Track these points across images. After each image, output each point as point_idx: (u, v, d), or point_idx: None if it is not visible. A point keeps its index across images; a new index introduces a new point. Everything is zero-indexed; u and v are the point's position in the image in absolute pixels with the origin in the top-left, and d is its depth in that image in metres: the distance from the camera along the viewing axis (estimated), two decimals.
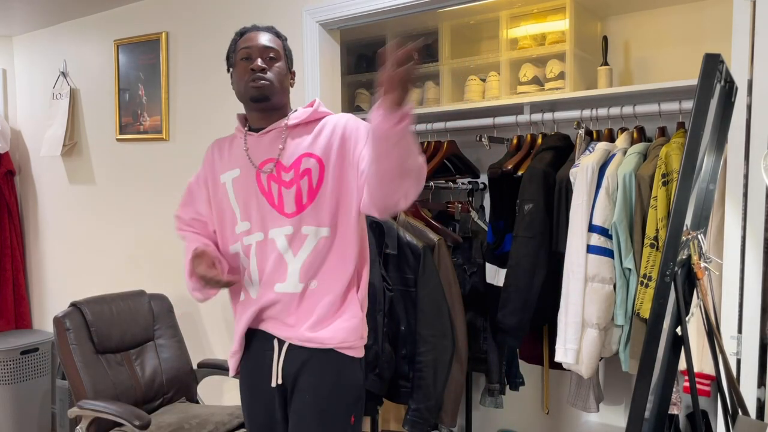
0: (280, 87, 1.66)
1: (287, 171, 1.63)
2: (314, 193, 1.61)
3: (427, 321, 2.16)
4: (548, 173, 2.28)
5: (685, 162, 1.12)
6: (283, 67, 1.68)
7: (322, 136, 1.65)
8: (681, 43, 2.52)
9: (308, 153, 1.63)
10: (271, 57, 1.65)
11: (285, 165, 1.63)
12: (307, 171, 1.61)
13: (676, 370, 1.39)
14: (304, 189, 1.61)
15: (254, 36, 1.67)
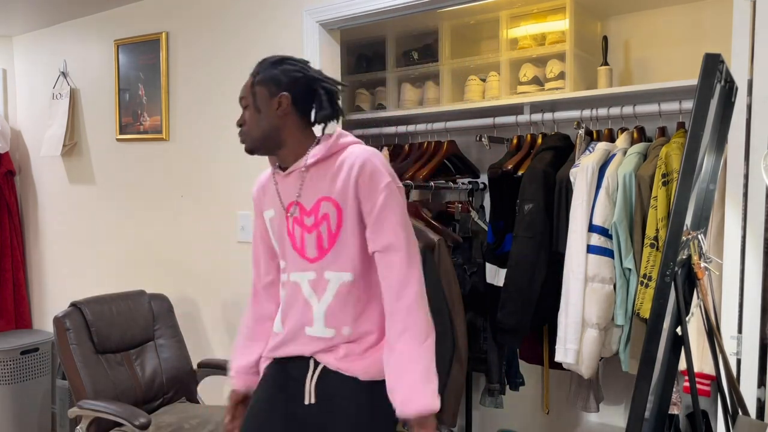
0: (259, 134, 1.60)
1: (308, 215, 1.59)
2: (334, 239, 1.57)
3: None
4: (548, 173, 2.28)
5: (685, 162, 1.12)
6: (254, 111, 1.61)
7: (340, 178, 1.56)
8: (681, 43, 2.52)
9: (326, 197, 1.57)
10: (245, 106, 1.63)
11: (306, 208, 1.60)
12: (325, 216, 1.57)
13: (676, 370, 1.39)
14: (324, 234, 1.57)
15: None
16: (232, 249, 2.83)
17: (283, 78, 1.61)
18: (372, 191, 1.53)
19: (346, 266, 1.57)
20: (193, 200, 2.98)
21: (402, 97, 2.97)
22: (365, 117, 3.03)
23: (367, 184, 1.53)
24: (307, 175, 1.60)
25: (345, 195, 1.55)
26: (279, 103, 1.59)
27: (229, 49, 2.80)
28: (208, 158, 2.91)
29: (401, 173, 2.65)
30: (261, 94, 1.61)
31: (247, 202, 2.77)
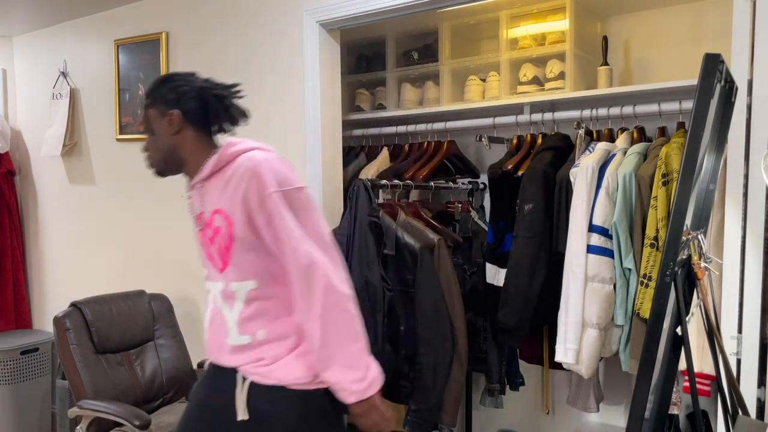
0: (161, 156, 1.61)
1: (209, 227, 1.59)
2: (229, 250, 1.55)
3: (427, 322, 2.16)
4: (548, 173, 2.28)
5: (685, 162, 1.12)
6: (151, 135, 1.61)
7: (229, 189, 1.53)
8: (681, 43, 2.52)
9: (217, 210, 1.56)
10: (143, 132, 1.64)
11: (206, 221, 1.60)
12: (218, 229, 1.56)
13: (676, 370, 1.39)
14: (221, 246, 1.56)
15: None
16: None
17: (170, 95, 1.58)
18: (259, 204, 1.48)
19: (248, 275, 1.54)
20: None
21: (402, 97, 2.97)
22: (365, 117, 3.03)
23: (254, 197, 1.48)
24: (205, 188, 1.60)
25: (234, 207, 1.51)
26: (170, 121, 1.58)
27: (229, 49, 2.80)
28: None
29: (401, 173, 2.65)
30: (153, 116, 1.60)
31: None
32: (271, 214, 1.47)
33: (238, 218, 1.51)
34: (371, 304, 2.17)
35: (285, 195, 1.48)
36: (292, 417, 1.54)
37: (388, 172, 2.67)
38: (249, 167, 1.50)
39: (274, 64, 2.66)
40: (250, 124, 2.76)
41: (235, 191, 1.51)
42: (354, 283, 2.19)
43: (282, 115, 2.65)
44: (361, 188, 2.27)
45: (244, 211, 1.50)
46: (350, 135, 3.04)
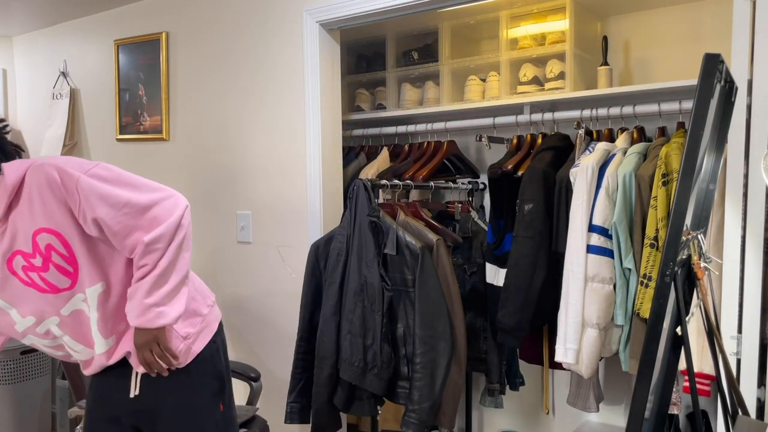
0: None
1: (33, 257, 1.48)
2: (73, 259, 1.50)
3: (426, 322, 2.16)
4: (548, 173, 2.28)
5: (685, 162, 1.12)
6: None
7: (37, 207, 1.44)
8: (681, 43, 2.52)
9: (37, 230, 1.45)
10: None
11: (27, 252, 1.48)
12: (49, 247, 1.47)
13: (676, 370, 1.39)
14: (60, 262, 1.49)
15: None
16: (232, 249, 2.83)
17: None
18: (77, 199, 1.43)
19: (96, 278, 1.53)
20: (193, 200, 2.98)
21: (402, 97, 2.97)
22: (365, 117, 3.03)
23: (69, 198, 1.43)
24: (8, 223, 1.47)
25: (54, 219, 1.45)
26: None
27: (229, 49, 2.80)
28: (208, 158, 2.91)
29: (401, 173, 2.65)
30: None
31: (247, 202, 2.77)
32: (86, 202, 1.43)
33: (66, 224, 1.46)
34: (370, 304, 2.17)
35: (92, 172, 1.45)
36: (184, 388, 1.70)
37: (388, 172, 2.67)
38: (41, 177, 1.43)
39: (274, 64, 2.66)
40: (250, 125, 2.77)
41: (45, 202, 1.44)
42: (353, 283, 2.20)
43: (282, 115, 2.65)
44: (361, 188, 2.27)
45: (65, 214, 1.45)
46: (350, 135, 3.04)
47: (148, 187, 1.52)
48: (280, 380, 2.67)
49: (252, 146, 2.76)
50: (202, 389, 1.69)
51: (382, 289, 2.17)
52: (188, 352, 1.65)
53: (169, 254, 1.49)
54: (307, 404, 2.32)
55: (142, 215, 1.48)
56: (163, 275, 1.49)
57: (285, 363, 2.56)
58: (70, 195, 1.43)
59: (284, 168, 2.65)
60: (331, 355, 2.22)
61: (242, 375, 2.62)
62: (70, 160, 1.47)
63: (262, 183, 2.73)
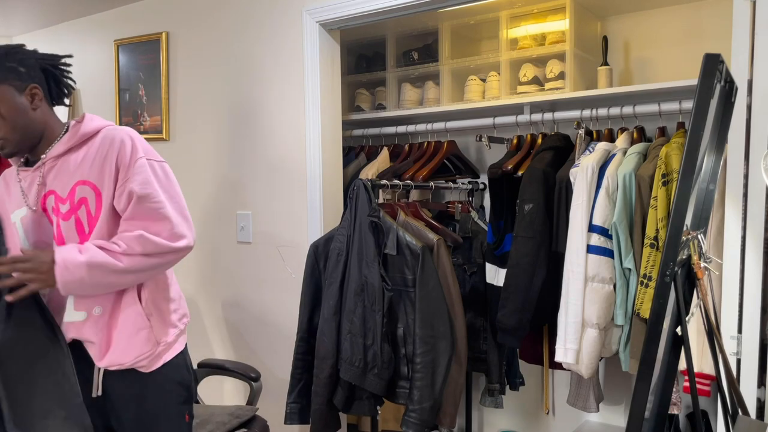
0: (19, 136, 1.53)
1: (63, 202, 1.55)
2: (95, 221, 1.54)
3: (426, 321, 2.16)
4: (548, 173, 2.28)
5: (685, 162, 1.12)
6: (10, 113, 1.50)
7: (96, 161, 1.54)
8: (681, 43, 2.52)
9: (82, 181, 1.54)
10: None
11: (61, 196, 1.55)
12: (83, 200, 1.53)
13: (676, 370, 1.39)
14: (83, 219, 1.54)
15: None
16: (232, 249, 2.84)
17: (22, 69, 1.52)
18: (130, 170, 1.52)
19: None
20: (193, 200, 2.98)
21: (402, 97, 2.97)
22: (365, 117, 3.03)
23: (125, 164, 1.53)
24: (59, 163, 1.56)
25: (102, 176, 1.53)
26: (32, 96, 1.54)
27: (229, 49, 2.81)
28: (208, 158, 2.91)
29: (401, 173, 2.65)
30: (7, 94, 1.50)
31: (247, 202, 2.77)
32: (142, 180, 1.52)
33: (108, 187, 1.53)
34: (371, 304, 2.17)
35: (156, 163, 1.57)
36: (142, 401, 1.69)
37: (388, 172, 2.67)
38: (120, 138, 1.54)
39: (274, 64, 2.66)
40: (250, 124, 2.77)
41: (106, 161, 1.53)
42: (354, 283, 2.20)
43: (282, 114, 2.66)
44: (361, 188, 2.27)
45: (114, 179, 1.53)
46: (350, 135, 3.04)
47: (180, 210, 1.58)
48: (280, 380, 2.68)
49: (252, 146, 2.76)
50: (169, 394, 1.66)
51: (382, 289, 2.18)
52: (158, 357, 1.63)
53: (139, 262, 1.50)
54: (307, 404, 2.32)
55: (157, 221, 1.52)
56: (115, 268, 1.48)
57: (285, 363, 2.56)
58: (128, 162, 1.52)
59: (284, 168, 2.65)
60: (331, 356, 2.22)
61: (242, 375, 2.62)
62: (145, 142, 1.59)
63: (262, 183, 2.73)
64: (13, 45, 1.57)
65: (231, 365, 2.70)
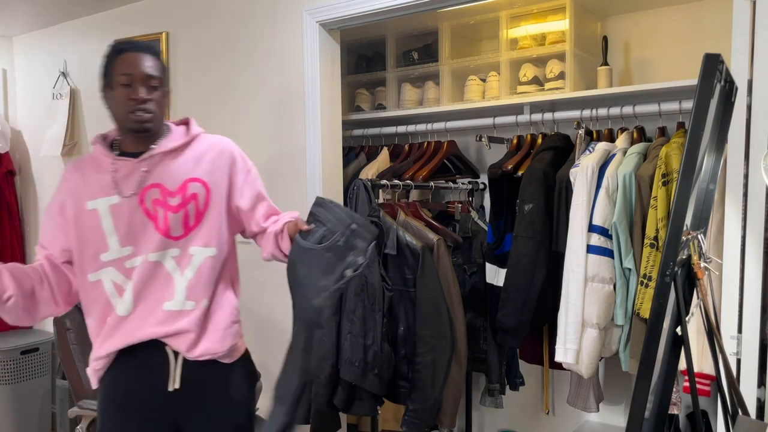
0: (161, 116, 1.65)
1: (173, 196, 1.63)
2: (201, 216, 1.65)
3: (426, 321, 2.16)
4: (548, 173, 2.28)
5: (685, 162, 1.12)
6: (164, 95, 1.65)
7: (206, 160, 1.68)
8: (681, 43, 2.52)
9: (194, 178, 1.66)
10: (154, 86, 1.60)
11: (170, 190, 1.64)
12: (194, 196, 1.64)
13: (676, 370, 1.39)
14: (191, 212, 1.64)
15: (136, 60, 1.59)
16: None
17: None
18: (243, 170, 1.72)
19: (211, 242, 1.66)
20: None
21: (402, 97, 2.97)
22: (365, 117, 3.03)
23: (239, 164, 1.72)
24: (167, 158, 1.65)
25: (215, 176, 1.67)
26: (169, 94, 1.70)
27: (229, 49, 2.80)
28: None
29: (401, 173, 2.65)
30: (166, 75, 1.66)
31: None
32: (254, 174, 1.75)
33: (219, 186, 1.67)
34: (371, 304, 2.17)
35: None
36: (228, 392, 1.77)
37: (388, 172, 2.67)
38: (230, 145, 1.74)
39: (274, 64, 2.66)
40: (250, 124, 2.77)
41: (219, 161, 1.69)
42: (353, 283, 2.20)
43: (282, 115, 2.65)
44: (361, 188, 2.27)
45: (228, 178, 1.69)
46: (350, 135, 3.04)
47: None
48: None
49: (252, 146, 2.75)
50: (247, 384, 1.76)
51: (382, 289, 2.18)
52: (239, 349, 1.73)
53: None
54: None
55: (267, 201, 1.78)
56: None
57: None
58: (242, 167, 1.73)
59: (284, 168, 2.65)
60: (331, 356, 2.22)
61: None
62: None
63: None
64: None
65: None
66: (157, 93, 1.61)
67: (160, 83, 1.62)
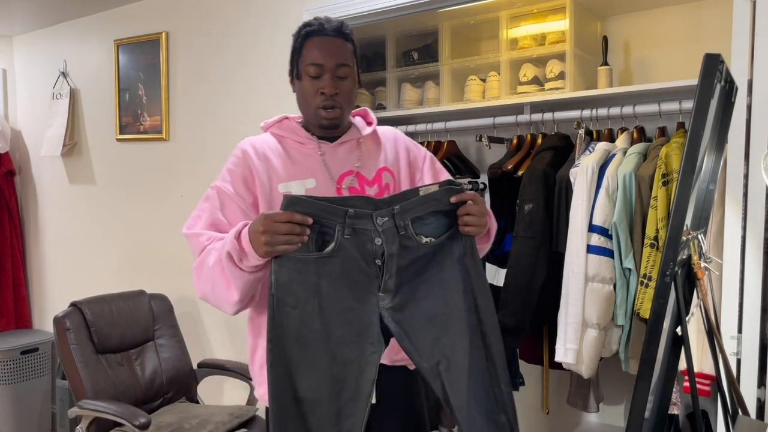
0: (349, 109, 1.57)
1: (370, 185, 1.57)
2: None
3: None
4: (548, 173, 2.28)
5: (685, 162, 1.12)
6: (354, 82, 1.54)
7: (389, 151, 1.63)
8: (681, 43, 2.52)
9: (385, 167, 1.61)
10: (343, 77, 1.50)
11: (367, 178, 1.57)
12: (387, 186, 1.59)
13: (676, 370, 1.39)
14: None
15: (326, 48, 1.50)
16: None
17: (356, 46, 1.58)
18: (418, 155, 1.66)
19: None
20: (193, 200, 2.97)
21: (402, 97, 2.97)
22: None
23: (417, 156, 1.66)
24: (363, 146, 1.60)
25: (398, 165, 1.62)
26: (358, 76, 1.59)
27: (229, 49, 2.80)
28: (208, 158, 2.91)
29: None
30: (356, 63, 1.56)
31: None
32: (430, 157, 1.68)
33: (402, 174, 1.62)
34: None
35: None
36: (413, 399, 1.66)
37: None
38: (401, 134, 1.69)
39: (274, 64, 2.66)
40: (251, 124, 2.77)
41: (397, 151, 1.63)
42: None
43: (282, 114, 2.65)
44: None
45: (408, 166, 1.63)
46: None
47: None
48: None
49: None
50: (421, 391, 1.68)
51: None
52: None
53: None
54: None
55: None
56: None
57: None
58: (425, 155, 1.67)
59: None
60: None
61: (242, 375, 2.62)
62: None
63: None
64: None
65: (231, 365, 2.71)
66: (346, 84, 1.51)
67: (349, 73, 1.51)
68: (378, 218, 1.34)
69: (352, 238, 1.33)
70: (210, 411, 2.50)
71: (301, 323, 1.32)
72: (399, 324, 1.35)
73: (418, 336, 1.36)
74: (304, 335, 1.32)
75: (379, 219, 1.34)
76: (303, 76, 1.52)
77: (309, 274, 1.32)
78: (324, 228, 1.32)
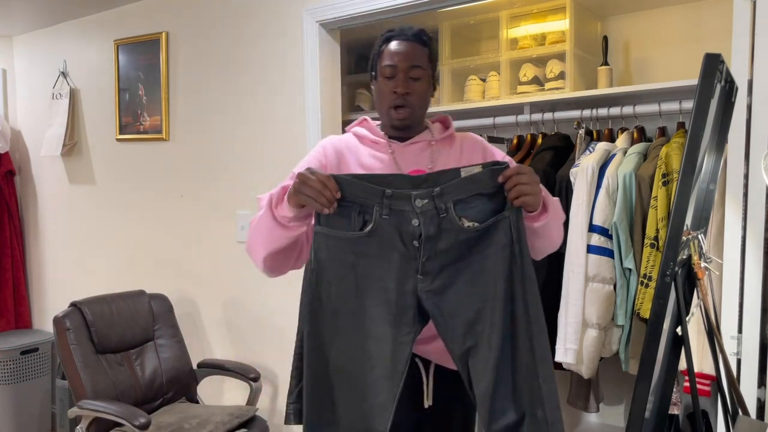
0: (422, 110, 1.58)
1: None
2: None
3: None
4: (548, 173, 2.28)
5: (685, 162, 1.12)
6: (427, 84, 1.57)
7: (466, 155, 1.61)
8: (681, 43, 2.52)
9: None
10: (416, 78, 1.53)
11: None
12: None
13: (676, 370, 1.39)
14: None
15: (401, 51, 1.53)
16: (232, 249, 2.83)
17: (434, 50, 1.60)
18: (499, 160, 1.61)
19: None
20: (193, 200, 2.98)
21: None
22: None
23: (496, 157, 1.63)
24: (435, 148, 1.60)
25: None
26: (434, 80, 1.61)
27: (229, 49, 2.80)
28: (208, 158, 2.91)
29: None
30: (432, 67, 1.58)
31: (247, 202, 2.77)
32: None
33: None
34: None
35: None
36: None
37: None
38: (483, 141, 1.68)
39: (274, 64, 2.66)
40: (251, 124, 2.77)
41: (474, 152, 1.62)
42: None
43: (282, 115, 2.65)
44: None
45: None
46: None
47: None
48: (280, 380, 2.68)
49: (252, 146, 2.76)
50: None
51: None
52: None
53: None
54: None
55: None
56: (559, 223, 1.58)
57: (285, 363, 2.56)
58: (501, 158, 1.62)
59: (284, 168, 2.65)
60: None
61: (242, 375, 2.62)
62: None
63: (262, 183, 2.73)
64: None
65: (231, 365, 2.71)
66: (419, 85, 1.54)
67: (422, 75, 1.54)
68: (417, 200, 1.33)
69: (390, 218, 1.34)
70: (210, 411, 2.50)
71: (338, 298, 1.35)
72: (437, 306, 1.35)
73: (455, 320, 1.35)
74: (340, 310, 1.36)
75: (418, 201, 1.33)
76: (379, 77, 1.56)
77: (347, 252, 1.35)
78: (364, 208, 1.34)
